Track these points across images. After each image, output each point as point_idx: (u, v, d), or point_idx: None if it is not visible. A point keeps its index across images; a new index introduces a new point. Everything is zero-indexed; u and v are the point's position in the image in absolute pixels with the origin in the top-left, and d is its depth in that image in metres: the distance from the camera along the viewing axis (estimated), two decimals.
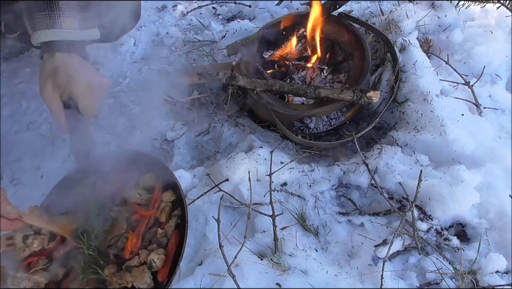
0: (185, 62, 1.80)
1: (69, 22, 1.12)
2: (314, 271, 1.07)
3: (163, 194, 1.13)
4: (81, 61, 1.16)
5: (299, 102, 1.45)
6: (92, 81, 1.13)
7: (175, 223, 1.08)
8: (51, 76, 1.11)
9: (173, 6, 2.10)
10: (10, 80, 1.93)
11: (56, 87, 1.11)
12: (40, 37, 1.11)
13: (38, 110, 1.79)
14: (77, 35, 1.14)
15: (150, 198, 1.14)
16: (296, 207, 1.21)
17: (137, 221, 1.11)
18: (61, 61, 1.12)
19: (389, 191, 1.20)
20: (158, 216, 1.10)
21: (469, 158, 1.21)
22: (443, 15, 1.55)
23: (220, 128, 1.48)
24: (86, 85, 1.12)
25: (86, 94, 1.12)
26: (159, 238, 1.07)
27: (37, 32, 1.11)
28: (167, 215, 1.10)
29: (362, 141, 1.42)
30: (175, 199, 1.13)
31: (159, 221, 1.10)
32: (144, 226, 1.09)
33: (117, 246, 1.08)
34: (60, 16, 1.10)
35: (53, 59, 1.13)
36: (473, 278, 1.03)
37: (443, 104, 1.29)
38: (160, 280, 1.01)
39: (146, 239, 1.08)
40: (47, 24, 1.10)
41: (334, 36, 1.51)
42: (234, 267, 1.03)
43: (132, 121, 1.64)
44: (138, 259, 1.04)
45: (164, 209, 1.11)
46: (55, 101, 1.13)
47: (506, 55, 1.46)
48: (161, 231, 1.07)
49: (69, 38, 1.12)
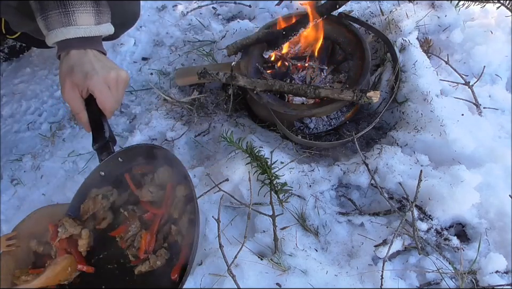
0: (185, 62, 1.80)
1: (84, 18, 1.10)
2: (314, 271, 1.07)
3: (176, 188, 1.08)
4: (98, 56, 1.15)
5: (299, 102, 1.45)
6: (108, 76, 1.12)
7: (189, 219, 1.03)
8: (68, 75, 1.10)
9: (173, 6, 2.10)
10: (10, 80, 1.93)
11: (74, 86, 1.11)
12: (56, 36, 1.10)
13: (38, 110, 1.79)
14: (93, 30, 1.13)
15: (162, 195, 1.11)
16: (296, 207, 1.21)
17: (150, 219, 1.08)
18: (76, 58, 1.11)
19: (389, 191, 1.20)
20: (172, 212, 1.06)
21: (469, 158, 1.21)
22: (443, 15, 1.55)
23: (220, 128, 1.48)
24: (103, 80, 1.11)
25: (103, 89, 1.11)
26: (174, 236, 1.03)
27: (53, 31, 1.09)
28: (181, 211, 1.05)
29: (362, 141, 1.42)
30: (188, 194, 1.07)
31: (173, 217, 1.06)
32: (158, 224, 1.05)
33: (135, 246, 1.05)
34: (74, 12, 1.09)
35: (68, 58, 1.12)
36: (473, 278, 1.03)
37: (443, 104, 1.29)
38: (173, 279, 0.97)
39: (159, 238, 1.05)
40: (62, 22, 1.08)
41: (334, 36, 1.51)
42: (234, 267, 1.03)
43: (132, 121, 1.64)
44: (149, 264, 1.01)
45: (176, 205, 1.06)
46: (75, 100, 1.12)
47: (506, 55, 1.46)
48: (175, 228, 1.03)
49: (85, 34, 1.11)
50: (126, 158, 1.16)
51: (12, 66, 2.01)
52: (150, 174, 1.15)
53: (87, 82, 1.09)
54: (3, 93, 1.89)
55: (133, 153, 1.17)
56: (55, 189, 1.48)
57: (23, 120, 1.77)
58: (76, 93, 1.11)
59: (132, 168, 1.17)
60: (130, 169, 1.17)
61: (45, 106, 1.79)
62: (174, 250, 1.03)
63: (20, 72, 1.96)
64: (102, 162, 1.13)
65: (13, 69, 1.99)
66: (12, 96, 1.87)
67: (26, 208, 1.41)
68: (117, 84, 1.14)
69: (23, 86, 1.89)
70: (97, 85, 1.10)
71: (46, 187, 1.50)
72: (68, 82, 1.10)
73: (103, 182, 1.17)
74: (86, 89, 1.11)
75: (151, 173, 1.15)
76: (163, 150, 1.13)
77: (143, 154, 1.17)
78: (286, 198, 1.18)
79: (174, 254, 1.02)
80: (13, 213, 1.45)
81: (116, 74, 1.13)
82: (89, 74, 1.09)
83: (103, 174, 1.17)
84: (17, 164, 1.60)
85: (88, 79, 1.09)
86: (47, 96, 1.83)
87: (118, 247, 1.08)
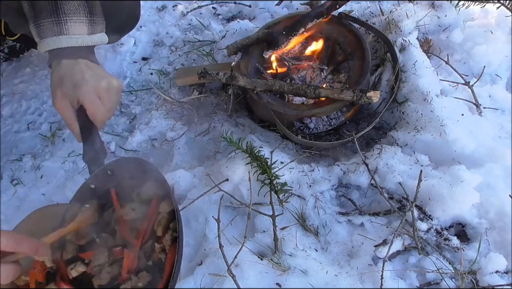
0: (185, 62, 1.80)
1: (77, 27, 1.09)
2: (314, 271, 1.07)
3: (160, 204, 1.04)
4: (88, 66, 1.12)
5: (299, 102, 1.45)
6: (99, 86, 1.09)
7: (172, 237, 0.98)
8: (59, 85, 1.08)
9: (173, 6, 2.10)
10: (10, 80, 1.93)
11: (65, 96, 1.08)
12: (48, 45, 1.08)
13: (38, 110, 1.79)
14: (85, 40, 1.11)
15: (146, 211, 1.05)
16: (296, 207, 1.21)
17: (118, 254, 1.01)
18: (67, 68, 1.09)
19: (389, 191, 1.20)
20: (155, 229, 1.01)
21: (469, 158, 1.21)
22: (443, 15, 1.55)
23: (220, 128, 1.48)
24: (93, 89, 1.08)
25: (93, 100, 1.08)
26: (158, 253, 0.99)
27: (45, 40, 1.08)
28: (164, 228, 1.00)
29: (362, 141, 1.42)
30: (172, 210, 1.02)
31: (157, 235, 1.00)
32: (140, 242, 1.00)
33: (101, 277, 0.99)
34: (67, 22, 1.07)
35: (59, 68, 1.09)
36: (473, 278, 1.03)
37: (443, 104, 1.29)
38: None
39: (142, 257, 1.00)
40: (54, 31, 1.07)
41: (334, 36, 1.51)
42: (234, 267, 1.03)
43: (132, 121, 1.64)
44: (131, 284, 0.95)
45: (160, 222, 1.00)
46: (66, 110, 1.09)
47: (506, 55, 1.46)
48: (158, 246, 0.98)
49: (77, 44, 1.09)
50: (115, 171, 1.12)
51: (12, 66, 2.01)
52: (136, 189, 1.10)
53: (76, 93, 1.06)
54: (3, 93, 1.89)
55: (120, 166, 1.12)
56: (55, 189, 1.48)
57: (23, 120, 1.77)
58: (67, 103, 1.08)
59: (120, 182, 1.12)
60: (119, 183, 1.12)
61: (45, 106, 1.79)
62: (158, 268, 0.98)
63: (20, 72, 1.96)
64: (92, 175, 1.10)
65: (13, 69, 1.99)
66: (11, 96, 1.87)
67: (26, 208, 1.41)
68: (108, 93, 1.11)
69: (23, 86, 1.89)
70: (86, 95, 1.07)
71: (46, 187, 1.50)
72: (58, 92, 1.08)
73: (94, 196, 1.12)
74: (76, 99, 1.08)
75: (137, 188, 1.10)
76: (147, 163, 1.09)
77: (129, 167, 1.12)
78: (286, 198, 1.18)
79: (159, 271, 0.97)
80: (13, 213, 1.45)
81: (106, 84, 1.10)
82: (79, 84, 1.06)
83: (93, 187, 1.12)
84: (17, 164, 1.60)
85: (78, 89, 1.06)
86: (47, 96, 1.83)
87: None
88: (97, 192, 1.12)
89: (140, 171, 1.10)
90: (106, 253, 1.02)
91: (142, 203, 1.07)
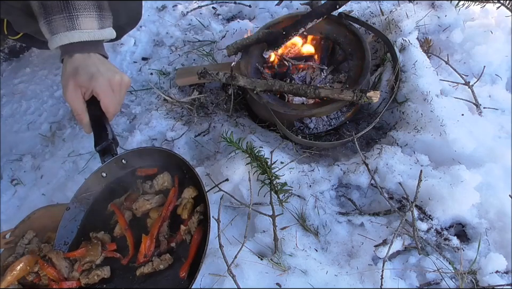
0: (185, 62, 1.80)
1: (88, 22, 1.12)
2: (314, 271, 1.07)
3: (184, 191, 1.11)
4: (101, 59, 1.17)
5: (299, 102, 1.45)
6: (113, 79, 1.14)
7: (198, 219, 1.05)
8: (72, 76, 1.11)
9: (173, 6, 2.10)
10: (10, 80, 1.93)
11: (78, 87, 1.12)
12: (61, 40, 1.11)
13: (38, 110, 1.79)
14: (96, 35, 1.14)
15: (162, 200, 1.13)
16: (296, 207, 1.21)
17: (111, 257, 1.09)
18: (80, 61, 1.13)
19: (389, 191, 1.20)
20: (180, 213, 1.08)
21: (469, 158, 1.21)
22: (443, 15, 1.55)
23: (220, 128, 1.48)
24: (108, 82, 1.12)
25: (108, 92, 1.13)
26: (182, 235, 1.05)
27: (57, 35, 1.10)
28: (189, 212, 1.08)
29: (362, 141, 1.42)
30: (197, 195, 1.10)
31: (182, 218, 1.08)
32: (158, 228, 1.07)
33: (88, 277, 1.06)
34: (78, 17, 1.10)
35: (72, 61, 1.13)
36: (473, 278, 1.03)
37: (443, 104, 1.29)
38: (181, 277, 0.98)
39: (163, 241, 1.07)
40: (66, 26, 1.10)
41: (334, 36, 1.51)
42: (234, 267, 1.03)
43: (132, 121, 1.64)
44: (152, 266, 1.02)
45: (185, 206, 1.08)
46: (77, 101, 1.13)
47: (506, 55, 1.46)
48: (184, 228, 1.05)
49: (89, 38, 1.12)
50: (130, 160, 1.17)
51: (12, 66, 2.01)
52: (149, 181, 1.16)
53: (92, 84, 1.11)
54: (3, 93, 1.90)
55: (138, 155, 1.17)
56: (55, 189, 1.48)
57: (23, 120, 1.77)
58: (79, 94, 1.12)
59: (135, 171, 1.18)
60: (133, 172, 1.18)
61: (45, 106, 1.79)
62: (181, 249, 1.05)
63: (20, 72, 1.96)
64: (105, 164, 1.14)
65: (13, 69, 1.99)
66: (11, 96, 1.87)
67: (26, 208, 1.41)
68: (120, 88, 1.16)
69: (23, 86, 1.90)
70: (102, 86, 1.11)
71: (46, 187, 1.50)
72: (71, 83, 1.11)
73: (103, 182, 1.18)
74: (90, 90, 1.12)
75: (153, 177, 1.16)
76: (171, 153, 1.14)
77: (149, 157, 1.17)
78: (286, 198, 1.18)
79: (182, 253, 1.03)
80: (13, 213, 1.45)
81: (120, 78, 1.15)
82: (95, 76, 1.11)
83: (104, 175, 1.17)
84: (17, 164, 1.60)
85: (94, 80, 1.10)
86: (47, 96, 1.83)
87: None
88: (109, 180, 1.18)
89: (159, 160, 1.16)
90: (98, 253, 1.08)
91: (157, 192, 1.15)
